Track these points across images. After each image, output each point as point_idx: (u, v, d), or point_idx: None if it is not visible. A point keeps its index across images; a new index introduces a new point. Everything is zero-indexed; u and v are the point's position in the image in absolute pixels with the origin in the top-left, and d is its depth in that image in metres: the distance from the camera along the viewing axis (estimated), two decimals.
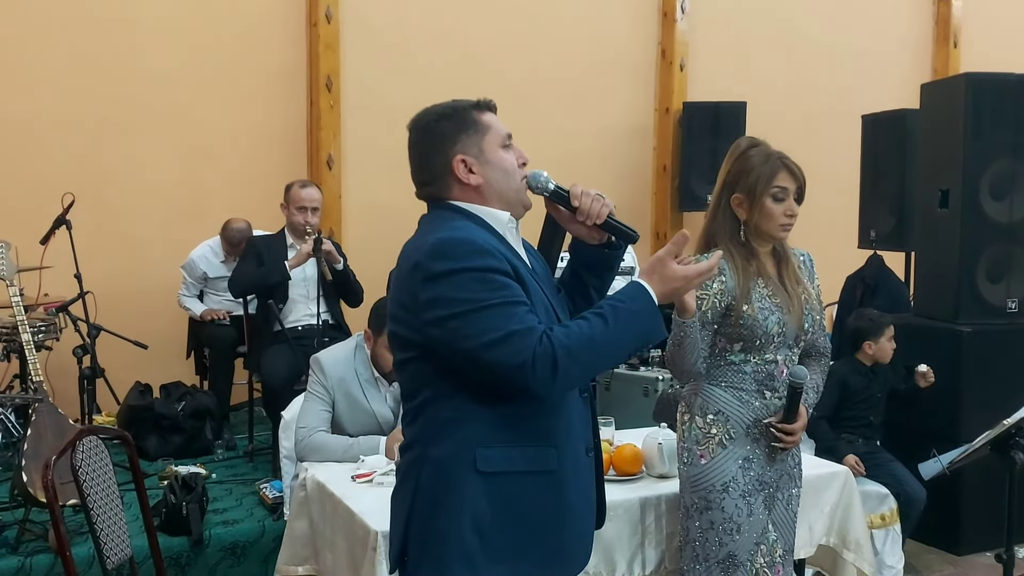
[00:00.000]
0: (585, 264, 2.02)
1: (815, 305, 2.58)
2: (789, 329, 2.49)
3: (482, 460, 1.79)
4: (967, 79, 4.45)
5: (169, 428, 4.74)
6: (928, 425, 4.13)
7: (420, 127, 1.91)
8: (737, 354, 2.50)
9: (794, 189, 2.49)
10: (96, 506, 2.41)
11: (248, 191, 5.63)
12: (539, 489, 1.83)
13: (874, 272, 5.66)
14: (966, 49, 7.90)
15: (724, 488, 2.48)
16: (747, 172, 2.48)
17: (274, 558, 3.20)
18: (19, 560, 3.36)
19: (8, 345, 4.53)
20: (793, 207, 2.49)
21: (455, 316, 1.72)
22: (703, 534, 2.51)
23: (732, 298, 2.46)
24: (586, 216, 1.91)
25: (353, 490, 2.72)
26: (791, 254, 2.59)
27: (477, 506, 1.80)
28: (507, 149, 1.91)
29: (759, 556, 2.49)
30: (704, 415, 2.53)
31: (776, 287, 2.51)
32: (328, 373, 3.19)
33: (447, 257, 1.75)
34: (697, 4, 7.01)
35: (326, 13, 5.86)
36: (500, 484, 1.81)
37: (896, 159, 5.51)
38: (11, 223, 4.83)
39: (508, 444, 1.81)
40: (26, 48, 5.31)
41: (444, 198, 1.90)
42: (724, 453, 2.50)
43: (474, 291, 1.72)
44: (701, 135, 6.71)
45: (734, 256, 2.49)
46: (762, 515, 2.51)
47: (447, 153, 1.87)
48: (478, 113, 1.90)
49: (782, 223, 2.49)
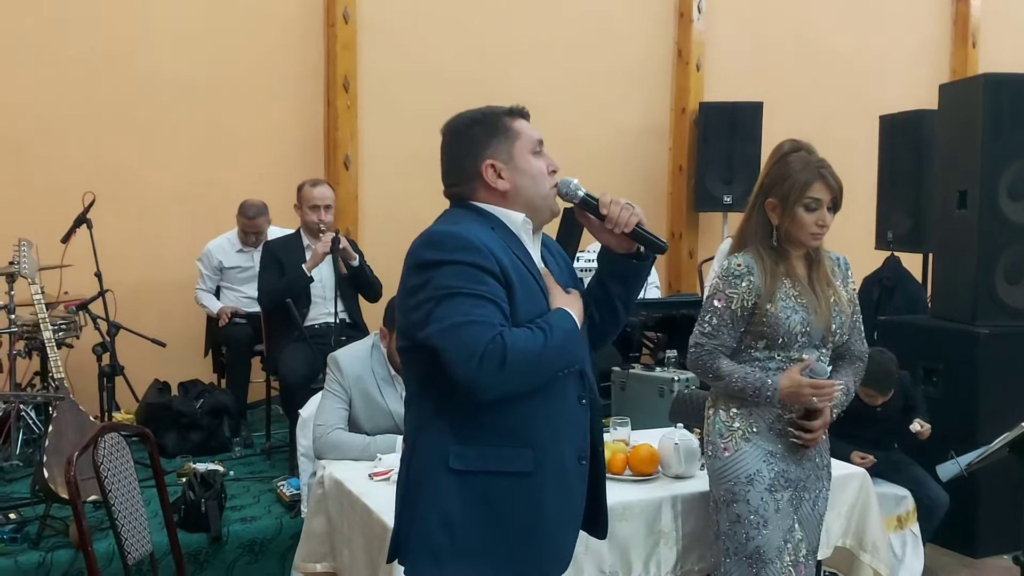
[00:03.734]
0: (612, 274, 2.00)
1: (845, 307, 2.58)
2: (815, 329, 2.50)
3: (454, 457, 1.82)
4: (985, 80, 4.42)
5: (187, 426, 4.77)
6: (946, 427, 4.10)
7: (453, 130, 1.95)
8: (761, 351, 2.53)
9: (828, 200, 2.50)
10: (117, 502, 2.44)
11: (266, 191, 5.65)
12: (513, 490, 1.83)
13: (891, 273, 5.64)
14: (984, 49, 7.85)
15: (749, 481, 2.50)
16: (784, 178, 2.50)
17: (291, 555, 3.22)
18: (40, 555, 3.39)
19: (30, 342, 4.57)
20: (825, 217, 2.50)
21: (429, 300, 1.77)
22: (731, 527, 2.53)
23: (758, 296, 2.49)
24: (614, 224, 1.91)
25: (370, 488, 2.73)
26: (824, 256, 2.60)
27: (448, 503, 1.82)
28: (537, 156, 1.94)
29: (785, 554, 2.50)
30: (728, 408, 2.56)
31: (804, 288, 2.53)
32: (345, 371, 3.21)
33: (437, 248, 1.80)
34: (714, 4, 6.99)
35: (343, 14, 5.88)
36: (472, 482, 1.82)
37: (914, 160, 5.48)
38: (33, 222, 4.88)
39: (483, 443, 1.82)
40: (47, 49, 5.36)
41: (469, 199, 1.93)
42: (748, 446, 2.52)
43: (452, 281, 1.76)
44: (717, 135, 6.70)
45: (764, 258, 2.52)
46: (789, 512, 2.52)
47: (477, 157, 1.90)
48: (510, 119, 1.93)
49: (813, 232, 2.50)
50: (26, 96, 5.33)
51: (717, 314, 2.52)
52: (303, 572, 3.00)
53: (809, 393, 2.45)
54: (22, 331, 4.52)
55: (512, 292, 1.81)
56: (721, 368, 2.52)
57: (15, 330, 4.49)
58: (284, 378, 4.44)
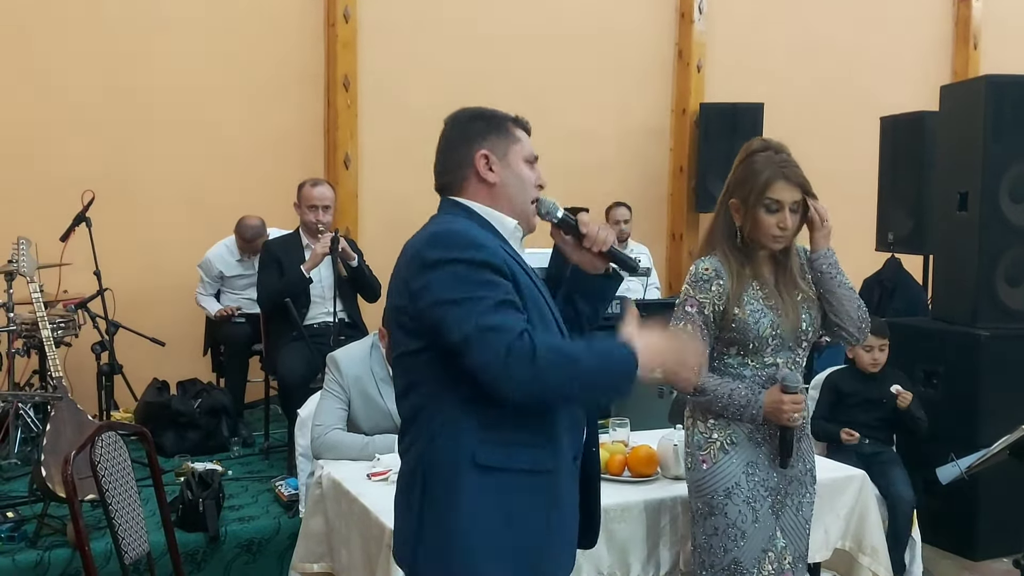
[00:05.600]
0: (582, 292, 2.06)
1: (814, 301, 2.51)
2: (785, 332, 2.45)
3: (481, 454, 1.80)
4: (987, 81, 4.42)
5: (186, 425, 4.76)
6: (946, 429, 4.10)
7: (454, 121, 1.97)
8: (734, 357, 2.48)
9: (791, 201, 2.40)
10: (114, 501, 2.43)
11: (266, 190, 5.66)
12: (531, 488, 1.83)
13: (892, 275, 5.64)
14: (986, 51, 7.84)
15: (727, 494, 2.45)
16: (746, 178, 2.44)
17: (289, 555, 3.21)
18: (38, 554, 3.39)
19: (28, 341, 4.56)
20: (787, 220, 2.40)
21: (440, 303, 1.74)
22: (708, 540, 2.48)
23: (727, 300, 2.44)
24: (592, 243, 1.97)
25: (369, 488, 2.73)
26: (794, 253, 2.51)
27: (478, 503, 1.80)
28: (530, 165, 1.96)
29: (766, 563, 2.46)
30: (705, 419, 2.51)
31: (771, 290, 2.48)
32: (344, 371, 3.20)
33: (443, 246, 1.78)
34: (714, 5, 6.98)
35: (344, 13, 5.88)
36: (495, 479, 1.80)
37: (915, 161, 5.48)
38: (31, 220, 4.87)
39: (507, 443, 1.81)
40: (46, 48, 5.36)
41: (456, 192, 1.93)
42: (726, 458, 2.47)
43: (462, 281, 1.74)
44: (718, 136, 6.69)
45: (730, 260, 2.46)
46: (769, 521, 2.48)
47: (473, 146, 1.91)
48: (513, 125, 1.96)
49: (774, 235, 2.42)
50: (26, 95, 5.32)
51: (690, 320, 2.45)
52: (301, 572, 2.99)
53: (790, 409, 2.40)
54: (21, 329, 4.51)
55: (519, 288, 1.81)
56: (705, 385, 2.44)
57: (14, 328, 4.49)
58: (283, 378, 4.44)
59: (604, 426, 3.07)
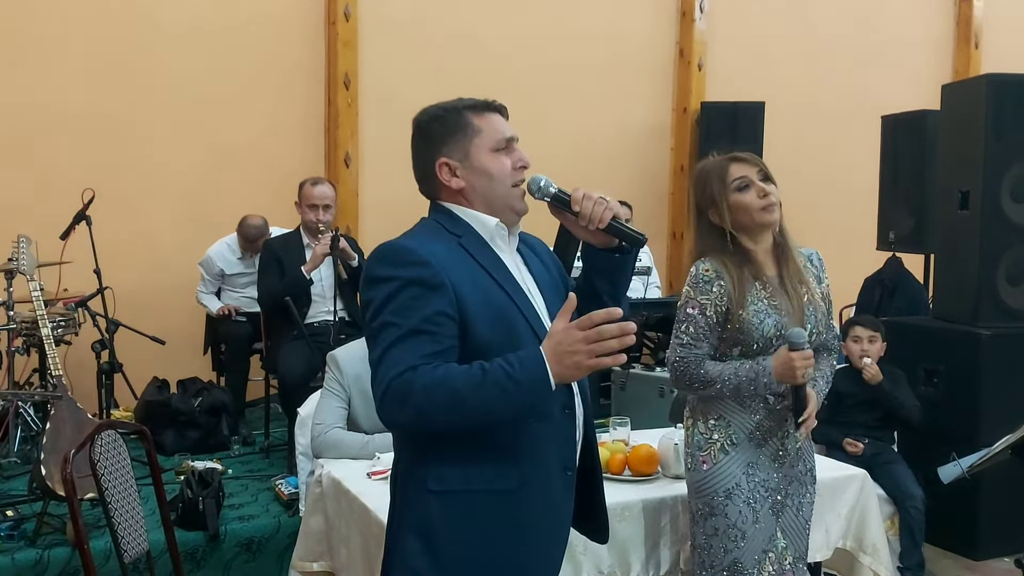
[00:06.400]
0: (596, 269, 1.94)
1: (819, 304, 2.52)
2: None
3: (433, 479, 1.77)
4: (988, 80, 4.41)
5: (186, 423, 4.76)
6: (947, 428, 4.09)
7: (416, 126, 1.92)
8: (736, 358, 2.47)
9: (755, 173, 2.45)
10: (114, 500, 2.42)
11: (266, 189, 5.66)
12: (497, 508, 1.79)
13: (893, 274, 5.63)
14: (987, 50, 7.84)
15: (727, 494, 2.45)
16: (704, 183, 2.49)
17: (289, 554, 3.22)
18: (37, 553, 3.38)
19: (28, 339, 4.56)
20: (764, 188, 2.43)
21: (371, 322, 1.76)
22: (708, 540, 2.48)
23: (730, 302, 2.43)
24: (588, 221, 1.83)
25: (369, 487, 2.72)
26: (795, 253, 2.51)
27: (428, 524, 1.78)
28: (501, 152, 1.86)
29: (767, 564, 2.46)
30: (705, 420, 2.51)
31: (776, 289, 2.47)
32: (344, 370, 3.20)
33: (385, 263, 1.78)
34: (716, 3, 6.98)
35: (344, 11, 5.88)
36: (455, 502, 1.78)
37: (916, 160, 5.47)
38: (32, 218, 4.87)
39: (465, 462, 1.77)
40: (47, 46, 5.36)
41: (437, 197, 1.91)
42: (727, 459, 2.46)
43: (389, 302, 1.73)
44: (719, 135, 6.67)
45: (728, 266, 2.45)
46: (769, 522, 2.47)
47: (432, 155, 1.87)
48: (474, 115, 1.86)
49: (761, 206, 2.43)
50: (26, 95, 5.32)
51: (693, 322, 2.45)
52: (300, 571, 2.99)
53: (802, 366, 2.36)
54: (20, 328, 4.51)
55: (466, 309, 1.74)
56: (709, 373, 2.44)
57: (14, 327, 4.49)
58: (283, 376, 4.44)
59: (605, 425, 3.06)
